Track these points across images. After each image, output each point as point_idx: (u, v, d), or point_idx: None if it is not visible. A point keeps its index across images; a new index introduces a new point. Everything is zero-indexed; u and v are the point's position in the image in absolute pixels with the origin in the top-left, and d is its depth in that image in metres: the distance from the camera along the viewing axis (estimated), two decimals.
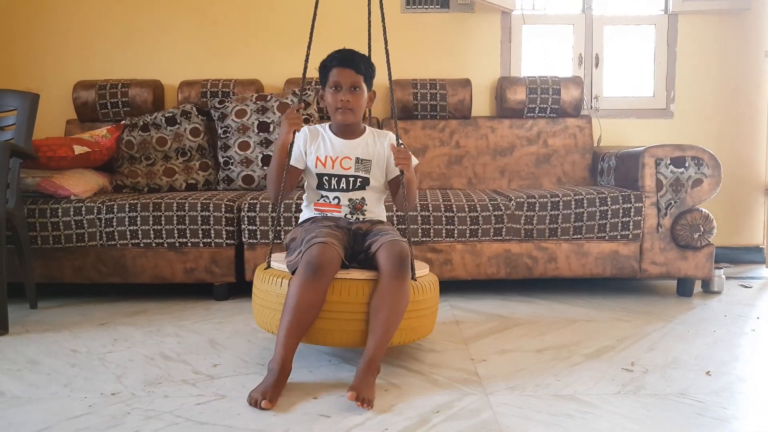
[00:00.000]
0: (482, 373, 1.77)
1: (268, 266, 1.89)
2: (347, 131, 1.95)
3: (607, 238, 2.66)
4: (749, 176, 3.51)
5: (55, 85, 3.41)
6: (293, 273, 1.70)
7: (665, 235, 2.67)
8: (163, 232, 2.61)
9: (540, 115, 3.33)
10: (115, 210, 2.60)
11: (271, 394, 1.53)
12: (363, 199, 1.92)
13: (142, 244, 2.62)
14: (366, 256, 1.78)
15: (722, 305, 2.57)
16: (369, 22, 1.99)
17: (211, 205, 2.61)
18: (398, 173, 1.85)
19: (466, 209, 2.61)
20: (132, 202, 2.61)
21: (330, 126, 1.98)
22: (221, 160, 3.09)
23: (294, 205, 2.58)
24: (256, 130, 3.06)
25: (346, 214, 1.91)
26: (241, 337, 2.13)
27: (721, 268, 2.80)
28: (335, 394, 1.61)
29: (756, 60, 3.50)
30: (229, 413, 1.49)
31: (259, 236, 2.62)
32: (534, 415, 1.48)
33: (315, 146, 1.93)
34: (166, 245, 2.62)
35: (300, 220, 2.00)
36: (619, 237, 2.65)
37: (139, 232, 2.60)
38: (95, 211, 2.61)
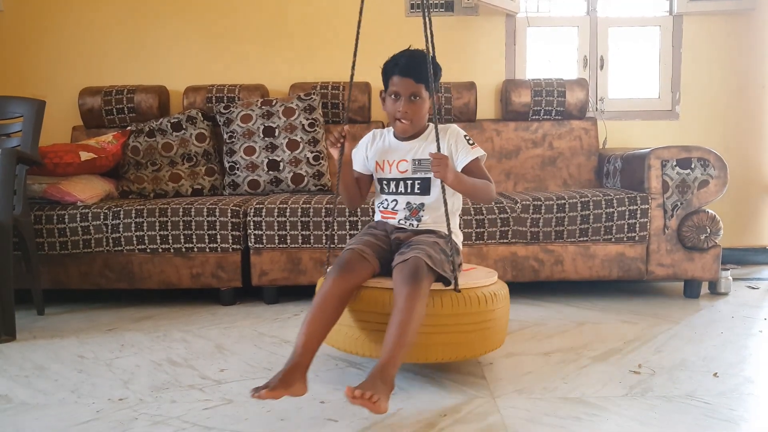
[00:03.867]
0: (489, 376, 1.77)
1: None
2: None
3: (613, 240, 2.65)
4: (756, 177, 3.50)
5: (60, 92, 3.43)
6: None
7: (672, 236, 2.66)
8: (170, 237, 2.61)
9: (545, 117, 3.32)
10: (122, 216, 2.61)
11: (275, 383, 1.43)
12: (421, 204, 1.82)
13: (148, 250, 2.63)
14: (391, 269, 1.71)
15: (729, 307, 2.55)
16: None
17: (217, 210, 2.61)
18: (465, 165, 1.79)
19: (472, 212, 2.61)
20: (138, 207, 2.62)
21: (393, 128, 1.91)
22: (227, 165, 3.10)
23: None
24: (262, 135, 3.07)
25: (400, 220, 1.84)
26: (247, 342, 2.13)
27: (728, 270, 2.79)
28: (343, 398, 1.61)
29: (761, 60, 3.49)
30: (236, 418, 1.50)
31: (265, 241, 2.62)
32: (542, 418, 1.48)
33: (374, 151, 1.90)
34: (172, 250, 2.63)
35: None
36: (625, 239, 2.65)
37: (146, 238, 2.61)
38: (102, 217, 2.62)
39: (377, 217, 1.93)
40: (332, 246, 2.28)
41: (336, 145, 1.78)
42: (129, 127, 3.17)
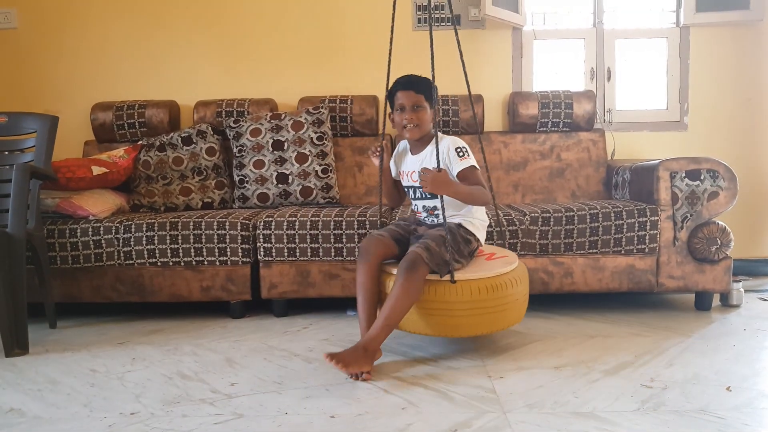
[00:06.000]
0: (500, 390, 1.76)
1: None
2: (417, 146, 2.19)
3: (623, 252, 2.64)
4: (766, 188, 3.48)
5: (73, 107, 3.47)
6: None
7: (682, 248, 2.65)
8: (180, 250, 2.63)
9: (553, 129, 3.33)
10: (133, 229, 2.63)
11: (347, 360, 1.83)
12: (434, 207, 2.16)
13: (159, 263, 2.65)
14: None
15: (741, 319, 2.54)
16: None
17: (227, 223, 2.63)
18: (456, 173, 2.07)
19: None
20: (149, 221, 2.65)
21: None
22: (236, 178, 3.12)
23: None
24: (271, 149, 3.09)
25: (424, 217, 2.22)
26: (258, 355, 2.13)
27: (740, 281, 2.77)
28: (354, 412, 1.61)
29: None
30: None
31: (274, 254, 2.63)
32: None
33: (400, 162, 2.26)
34: (182, 264, 2.65)
35: None
36: (635, 251, 2.64)
37: (157, 251, 2.63)
38: (113, 230, 2.64)
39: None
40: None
41: (375, 154, 2.19)
42: (140, 142, 3.20)
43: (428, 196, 2.12)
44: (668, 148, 3.39)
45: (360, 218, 2.62)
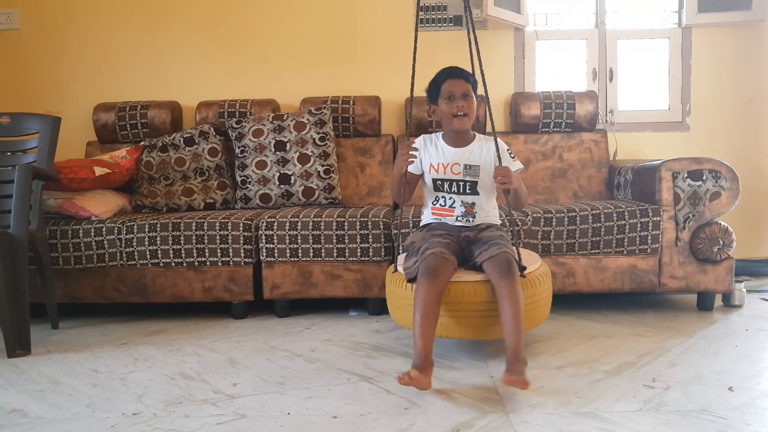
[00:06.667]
0: (502, 391, 1.76)
1: (395, 270, 2.12)
2: (458, 139, 2.15)
3: (625, 252, 2.64)
4: None
5: (75, 108, 3.48)
6: (409, 280, 1.98)
7: (684, 248, 2.64)
8: (182, 251, 2.63)
9: (555, 129, 3.33)
10: (135, 230, 2.64)
11: (421, 376, 1.68)
12: (473, 203, 2.11)
13: (161, 264, 2.65)
14: (474, 264, 1.99)
15: (743, 319, 2.53)
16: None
17: (229, 224, 2.63)
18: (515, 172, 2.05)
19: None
20: (151, 222, 2.65)
21: (443, 135, 2.18)
22: (239, 179, 3.12)
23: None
24: (273, 149, 3.09)
25: (457, 217, 2.11)
26: (260, 356, 2.14)
27: (742, 282, 2.77)
28: (355, 412, 1.61)
29: None
30: None
31: (276, 254, 2.63)
32: None
33: (428, 154, 2.15)
34: (185, 264, 2.65)
35: (422, 223, 2.23)
36: (637, 251, 2.64)
37: (159, 252, 2.63)
38: (115, 231, 2.64)
39: (427, 215, 2.19)
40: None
41: (414, 157, 2.06)
42: (142, 142, 3.20)
43: (468, 191, 2.10)
44: (670, 149, 3.39)
45: (362, 219, 2.62)
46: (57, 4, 3.50)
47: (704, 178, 2.61)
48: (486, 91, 2.04)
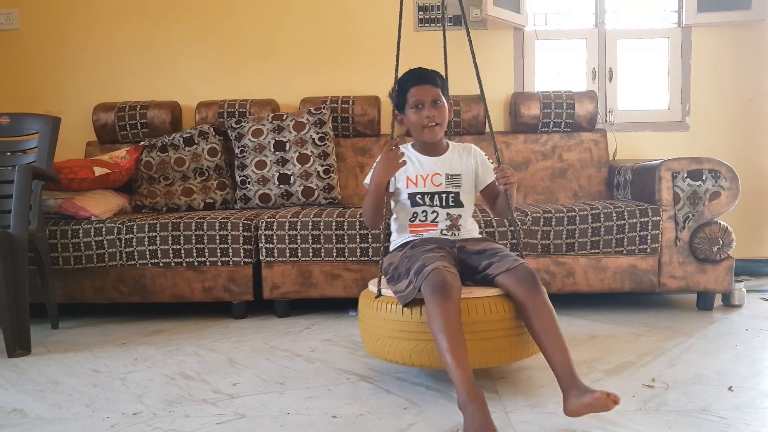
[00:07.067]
0: (502, 390, 1.76)
1: (379, 295, 1.79)
2: (432, 148, 1.95)
3: (624, 252, 2.64)
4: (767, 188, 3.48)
5: (75, 108, 3.48)
6: (405, 305, 1.67)
7: (684, 248, 2.64)
8: (182, 251, 2.64)
9: (554, 129, 3.33)
10: (135, 230, 2.64)
11: (486, 417, 1.40)
12: (459, 216, 1.91)
13: (161, 264, 2.65)
14: (484, 277, 1.75)
15: (743, 319, 2.53)
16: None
17: (229, 224, 2.63)
18: (489, 183, 1.95)
19: (482, 225, 2.61)
20: (151, 222, 2.65)
21: (413, 145, 1.98)
22: (238, 179, 3.12)
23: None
24: (273, 149, 3.09)
25: (442, 230, 1.89)
26: (259, 356, 2.14)
27: (741, 281, 2.77)
28: (355, 412, 1.61)
29: None
30: None
31: (276, 254, 2.63)
32: None
33: (403, 167, 1.86)
34: (184, 264, 2.65)
35: (394, 246, 1.96)
36: (637, 251, 2.64)
37: (159, 252, 2.64)
38: (115, 231, 2.64)
39: (403, 234, 1.93)
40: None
41: (399, 168, 1.81)
42: (142, 143, 3.21)
43: (452, 204, 1.89)
44: (670, 149, 3.39)
45: (362, 219, 2.62)
46: (57, 4, 3.51)
47: (704, 177, 2.61)
48: (482, 92, 1.90)
